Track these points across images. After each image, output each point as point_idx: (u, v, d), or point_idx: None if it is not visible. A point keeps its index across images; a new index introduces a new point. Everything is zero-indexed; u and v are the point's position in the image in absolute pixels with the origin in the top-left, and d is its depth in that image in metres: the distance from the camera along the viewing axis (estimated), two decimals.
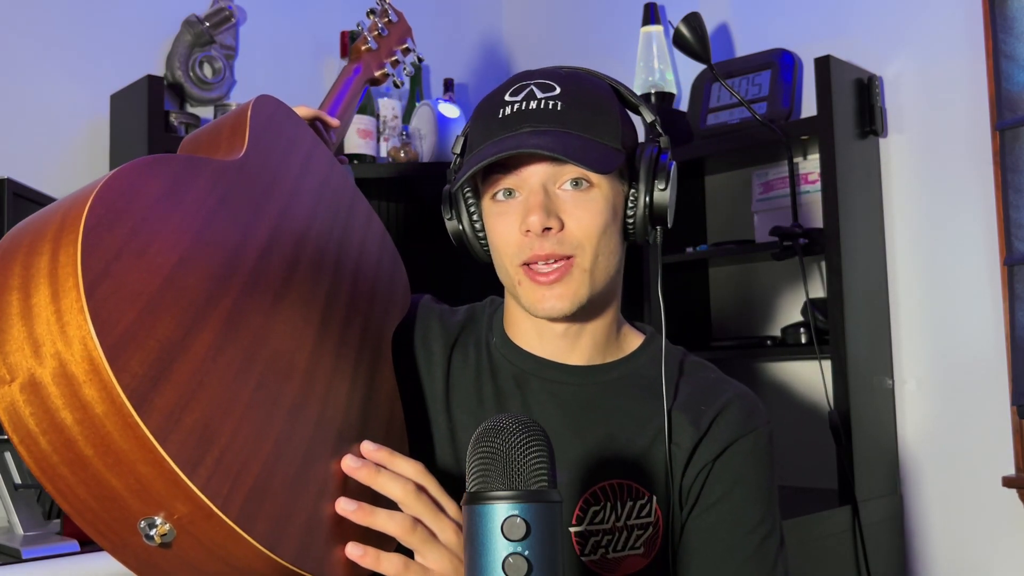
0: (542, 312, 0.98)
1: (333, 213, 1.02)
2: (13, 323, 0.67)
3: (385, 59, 1.34)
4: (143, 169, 0.76)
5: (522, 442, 0.73)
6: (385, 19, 1.37)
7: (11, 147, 1.94)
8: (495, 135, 0.97)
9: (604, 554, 1.00)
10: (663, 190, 1.00)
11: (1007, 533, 1.91)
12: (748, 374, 2.28)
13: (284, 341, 0.83)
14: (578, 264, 0.96)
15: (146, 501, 0.66)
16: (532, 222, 0.94)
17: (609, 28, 2.60)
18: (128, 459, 0.65)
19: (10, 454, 1.62)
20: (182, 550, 0.69)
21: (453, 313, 1.11)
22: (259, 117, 0.96)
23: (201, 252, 0.77)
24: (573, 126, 0.96)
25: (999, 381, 1.91)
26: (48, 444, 0.66)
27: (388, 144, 2.27)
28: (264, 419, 0.76)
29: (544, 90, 0.97)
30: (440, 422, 1.03)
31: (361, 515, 0.81)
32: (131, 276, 0.69)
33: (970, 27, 1.97)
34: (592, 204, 0.96)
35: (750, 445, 1.02)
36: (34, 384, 0.65)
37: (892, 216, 2.08)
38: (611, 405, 1.03)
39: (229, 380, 0.74)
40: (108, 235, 0.69)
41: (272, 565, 0.71)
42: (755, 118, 2.03)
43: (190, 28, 2.18)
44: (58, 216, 0.70)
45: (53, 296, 0.66)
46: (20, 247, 0.69)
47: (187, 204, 0.78)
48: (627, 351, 1.07)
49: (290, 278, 0.88)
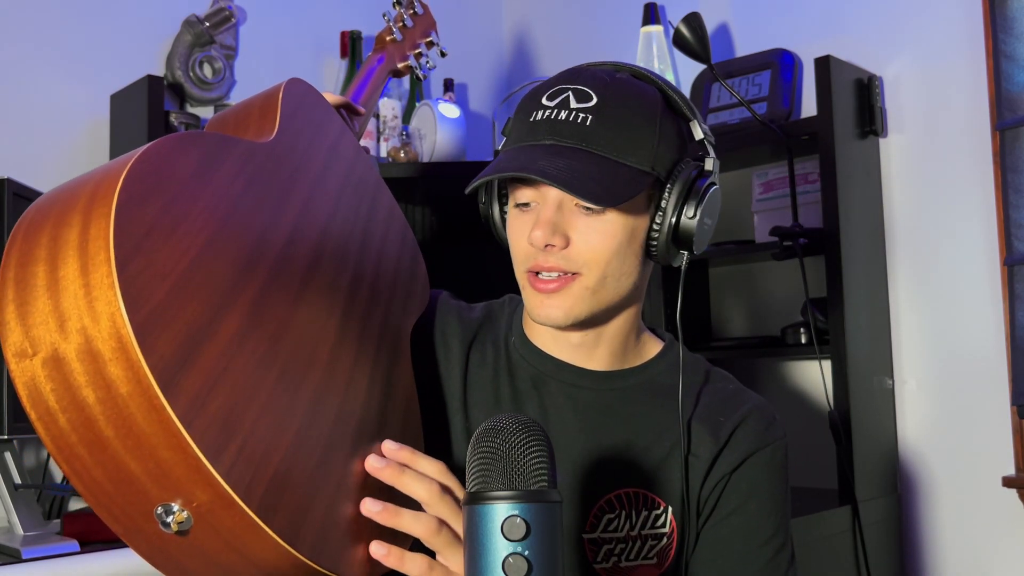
0: (539, 319, 0.97)
1: (357, 202, 1.01)
2: (38, 295, 0.65)
3: (409, 51, 1.34)
4: (175, 145, 0.75)
5: (522, 442, 0.73)
6: (411, 11, 1.36)
7: (11, 147, 1.94)
8: (522, 139, 0.97)
9: (617, 563, 0.99)
10: (691, 217, 0.96)
11: (1007, 533, 1.91)
12: (748, 374, 2.28)
13: (307, 331, 0.82)
14: (582, 282, 0.95)
15: (165, 487, 0.65)
16: (535, 237, 0.94)
17: (609, 28, 2.60)
18: (150, 443, 0.63)
19: (10, 454, 1.62)
20: (198, 539, 0.67)
21: (471, 310, 1.10)
22: (290, 100, 0.96)
23: (229, 235, 0.76)
24: (597, 145, 0.93)
25: (999, 381, 1.90)
26: (67, 423, 0.64)
27: (388, 144, 2.27)
28: (286, 409, 0.75)
29: (580, 99, 0.95)
30: (457, 420, 1.02)
31: (386, 516, 0.80)
32: (161, 254, 0.68)
33: (970, 27, 1.97)
34: (603, 227, 0.95)
35: (767, 458, 1.02)
36: (57, 359, 0.64)
37: (892, 216, 2.08)
38: (629, 412, 1.02)
39: (252, 368, 0.72)
40: (140, 211, 0.67)
41: (288, 559, 0.69)
42: (755, 118, 2.03)
43: (190, 28, 2.18)
44: (88, 188, 0.68)
45: (82, 269, 0.64)
46: (48, 218, 0.67)
47: (216, 184, 0.77)
48: (646, 358, 1.06)
49: (314, 267, 0.87)
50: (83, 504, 1.84)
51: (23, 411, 0.61)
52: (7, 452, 1.62)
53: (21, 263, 0.66)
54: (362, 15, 2.52)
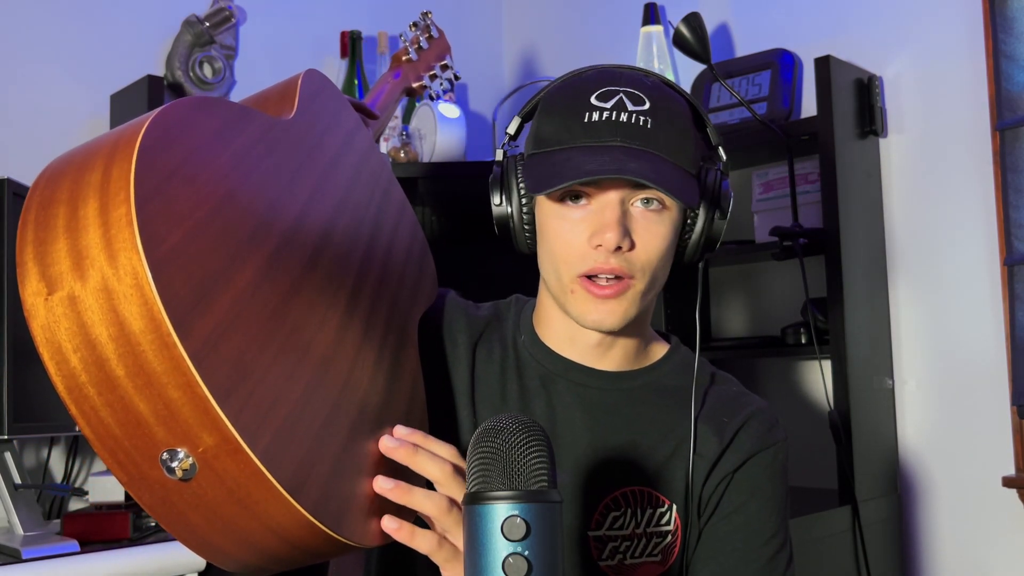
0: (591, 324, 0.97)
1: (370, 191, 1.03)
2: (57, 236, 0.66)
3: (423, 72, 1.39)
4: (197, 105, 0.77)
5: (522, 442, 0.73)
6: (427, 34, 1.41)
7: (11, 147, 1.94)
8: (579, 139, 0.95)
9: (622, 560, 1.00)
10: (722, 220, 0.99)
11: (1007, 533, 1.91)
12: (748, 374, 2.28)
13: (318, 298, 0.83)
14: (635, 286, 0.95)
15: (172, 430, 0.65)
16: (608, 239, 0.92)
17: (609, 28, 2.60)
18: (160, 381, 0.64)
19: (10, 454, 1.62)
20: (201, 488, 0.67)
21: (477, 308, 1.11)
22: (308, 86, 0.98)
23: (247, 194, 0.77)
24: (662, 148, 0.94)
25: (999, 381, 1.91)
26: (79, 362, 0.65)
27: (388, 144, 2.27)
28: (295, 364, 0.75)
29: (635, 102, 0.95)
30: (464, 415, 1.03)
31: (399, 493, 0.81)
32: (180, 199, 0.69)
33: (970, 27, 1.97)
34: (661, 228, 0.96)
35: (769, 459, 1.04)
36: (72, 298, 0.65)
37: (892, 216, 2.08)
38: (635, 412, 1.04)
39: (264, 319, 0.73)
40: (161, 156, 0.69)
41: (291, 514, 0.69)
42: (755, 118, 2.03)
43: (190, 28, 2.18)
44: (111, 138, 0.70)
45: (102, 209, 0.65)
46: (71, 164, 0.69)
47: (237, 146, 0.79)
48: (652, 359, 1.08)
49: (326, 240, 0.88)
50: (83, 504, 1.84)
51: (23, 411, 0.61)
52: (7, 452, 1.62)
53: (42, 205, 0.68)
54: (362, 15, 2.52)
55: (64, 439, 1.93)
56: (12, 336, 1.56)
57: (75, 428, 1.68)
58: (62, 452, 1.93)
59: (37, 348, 0.66)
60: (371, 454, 0.83)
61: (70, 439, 1.93)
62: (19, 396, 1.56)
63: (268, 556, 0.73)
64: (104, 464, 0.68)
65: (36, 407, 1.62)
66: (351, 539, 0.74)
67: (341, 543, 0.73)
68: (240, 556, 0.73)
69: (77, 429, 1.68)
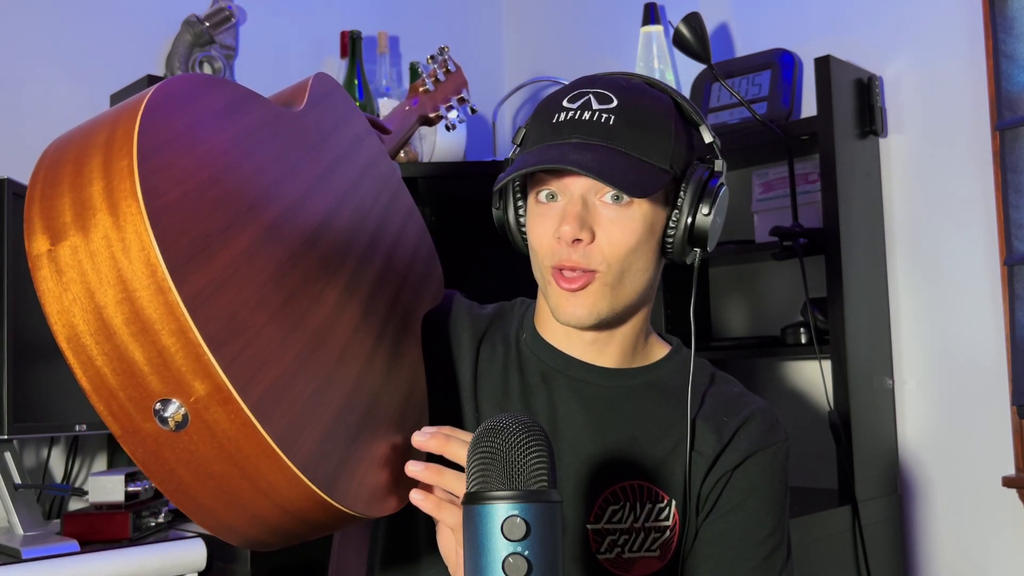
0: (563, 319, 1.00)
1: (377, 191, 1.04)
2: (63, 192, 0.68)
3: (440, 103, 1.43)
4: (202, 82, 0.79)
5: (522, 442, 0.74)
6: (444, 68, 1.45)
7: (11, 147, 1.94)
8: (546, 139, 0.99)
9: (620, 553, 1.01)
10: (706, 215, 1.00)
11: (1007, 533, 1.91)
12: (748, 374, 2.28)
13: (316, 274, 0.84)
14: (600, 279, 0.98)
15: (165, 379, 0.66)
16: (564, 231, 0.96)
17: (609, 28, 2.60)
18: (154, 328, 0.65)
19: (10, 454, 1.62)
20: (192, 441, 0.68)
21: (482, 308, 1.13)
22: (319, 87, 1.00)
23: (248, 169, 0.79)
24: (621, 143, 0.96)
25: (999, 381, 1.91)
26: (79, 311, 0.66)
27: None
28: (290, 330, 0.76)
29: (601, 101, 0.98)
30: (468, 411, 1.05)
31: (430, 474, 0.83)
32: (182, 161, 0.71)
33: (970, 27, 1.97)
34: (628, 222, 0.98)
35: (768, 458, 1.05)
36: (74, 248, 0.67)
37: (892, 216, 2.08)
38: (634, 408, 1.05)
39: (260, 284, 0.74)
40: (165, 121, 0.71)
41: (281, 471, 0.69)
42: (755, 118, 2.03)
43: (190, 28, 2.18)
44: (117, 107, 0.73)
45: (105, 162, 0.67)
46: (79, 131, 0.72)
47: (240, 127, 0.81)
48: (653, 359, 1.09)
49: (326, 227, 0.89)
50: (83, 504, 1.84)
51: (23, 411, 0.61)
52: (7, 452, 1.62)
53: (50, 166, 0.70)
54: (362, 15, 2.52)
55: (64, 439, 1.93)
56: (12, 336, 1.56)
57: (75, 428, 1.68)
58: (62, 452, 1.93)
59: (40, 299, 0.67)
60: (366, 431, 0.83)
61: (70, 439, 1.93)
62: (19, 396, 1.56)
63: (264, 525, 0.73)
64: (99, 416, 0.69)
65: (36, 407, 1.62)
66: (343, 503, 0.74)
67: (334, 508, 0.73)
68: (234, 523, 0.73)
69: (77, 429, 1.68)
